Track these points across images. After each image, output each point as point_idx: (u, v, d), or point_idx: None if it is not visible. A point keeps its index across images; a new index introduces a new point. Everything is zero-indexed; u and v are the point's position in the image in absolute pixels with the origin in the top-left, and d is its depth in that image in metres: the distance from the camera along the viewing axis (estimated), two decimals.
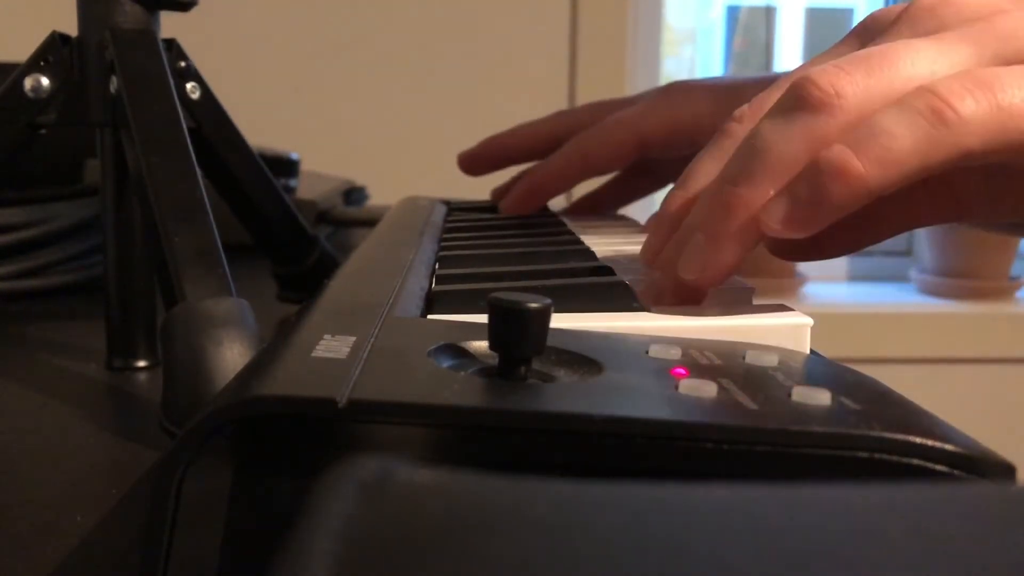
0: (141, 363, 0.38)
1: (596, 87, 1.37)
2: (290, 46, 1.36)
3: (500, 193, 0.55)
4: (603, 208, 0.56)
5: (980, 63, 0.27)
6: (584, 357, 0.20)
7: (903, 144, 0.24)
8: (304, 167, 0.83)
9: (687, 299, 0.28)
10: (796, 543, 0.10)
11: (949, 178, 0.31)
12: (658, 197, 0.32)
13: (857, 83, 0.26)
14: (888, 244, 1.58)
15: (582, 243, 0.38)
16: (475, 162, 0.55)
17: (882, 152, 0.24)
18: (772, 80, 0.32)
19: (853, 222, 0.28)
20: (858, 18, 1.65)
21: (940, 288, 1.47)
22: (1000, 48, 0.27)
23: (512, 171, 0.56)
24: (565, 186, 0.50)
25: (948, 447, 0.16)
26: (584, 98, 1.37)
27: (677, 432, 0.16)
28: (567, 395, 0.18)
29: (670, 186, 0.33)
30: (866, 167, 0.24)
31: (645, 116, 0.47)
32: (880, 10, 0.32)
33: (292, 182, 0.73)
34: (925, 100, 0.25)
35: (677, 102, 0.47)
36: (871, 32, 0.31)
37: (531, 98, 1.38)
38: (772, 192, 0.26)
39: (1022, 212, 0.33)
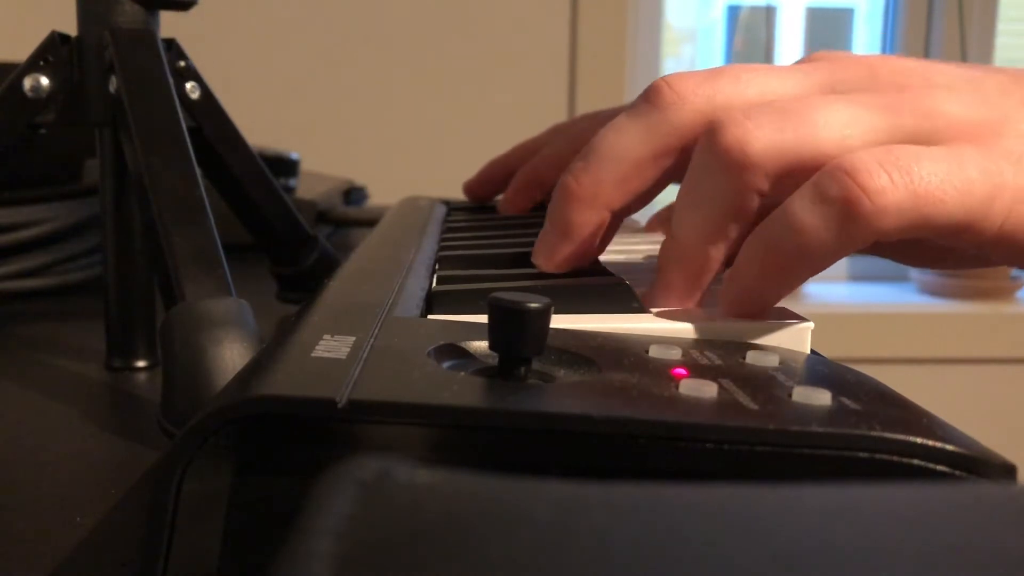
0: (141, 363, 0.38)
1: (596, 87, 1.37)
2: (290, 46, 1.36)
3: (471, 186, 0.56)
4: None
5: (893, 135, 0.26)
6: (584, 357, 0.20)
7: (819, 240, 0.24)
8: (304, 167, 0.83)
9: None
10: (796, 544, 0.10)
11: None
12: (660, 198, 0.32)
13: (765, 138, 0.25)
14: None
15: None
16: (480, 187, 0.57)
17: (798, 251, 0.24)
18: None
19: None
20: (858, 18, 1.65)
21: (940, 288, 1.47)
22: (917, 125, 0.26)
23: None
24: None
25: (949, 447, 0.16)
26: (584, 98, 1.37)
27: (677, 432, 0.16)
28: (567, 395, 0.18)
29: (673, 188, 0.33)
30: (785, 263, 0.25)
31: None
32: (829, 52, 0.31)
33: (292, 182, 0.73)
34: (840, 187, 0.24)
35: None
36: (814, 65, 0.30)
37: (531, 98, 1.38)
38: (703, 242, 0.27)
39: (938, 266, 0.34)
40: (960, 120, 0.27)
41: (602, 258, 0.34)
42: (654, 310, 0.26)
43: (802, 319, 0.25)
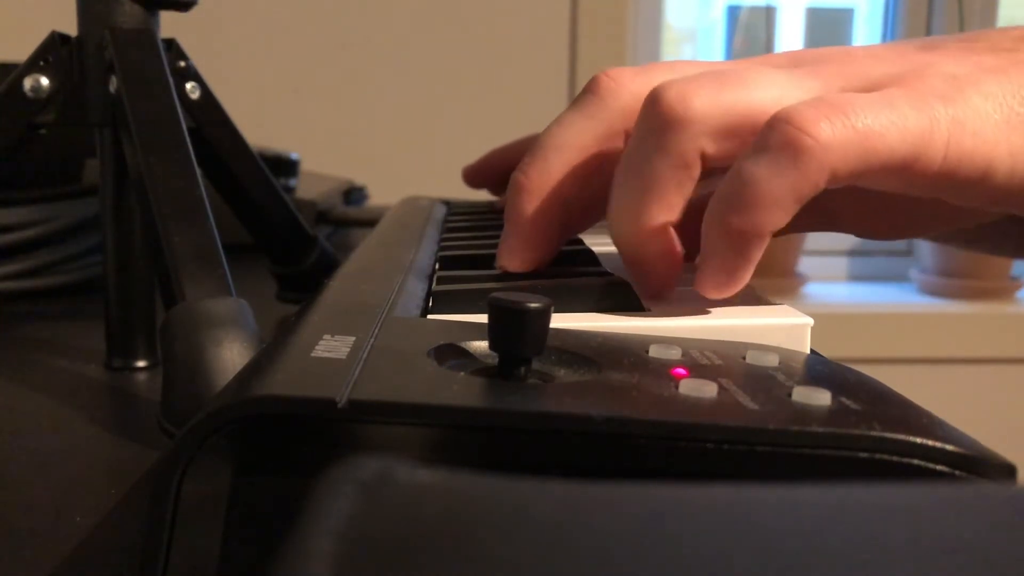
0: (141, 363, 0.38)
1: None
2: (290, 46, 1.36)
3: (469, 171, 0.56)
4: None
5: (828, 93, 0.27)
6: (584, 357, 0.20)
7: (770, 187, 0.24)
8: (304, 167, 0.83)
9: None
10: (796, 544, 0.10)
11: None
12: None
13: (705, 95, 0.26)
14: (888, 244, 1.58)
15: (582, 243, 0.38)
16: (479, 175, 0.56)
17: (753, 202, 0.25)
18: None
19: None
20: (858, 18, 1.64)
21: (940, 288, 1.47)
22: (846, 84, 0.28)
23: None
24: None
25: (949, 447, 0.16)
26: None
27: (677, 432, 0.16)
28: (567, 395, 0.18)
29: None
30: (744, 221, 0.25)
31: None
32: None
33: (292, 182, 0.73)
34: (781, 134, 0.24)
35: None
36: (744, 59, 0.32)
37: (531, 98, 1.38)
38: (654, 209, 0.27)
39: (901, 233, 0.34)
40: (885, 76, 0.28)
41: (602, 257, 0.34)
42: (654, 308, 0.26)
43: (801, 315, 0.25)
